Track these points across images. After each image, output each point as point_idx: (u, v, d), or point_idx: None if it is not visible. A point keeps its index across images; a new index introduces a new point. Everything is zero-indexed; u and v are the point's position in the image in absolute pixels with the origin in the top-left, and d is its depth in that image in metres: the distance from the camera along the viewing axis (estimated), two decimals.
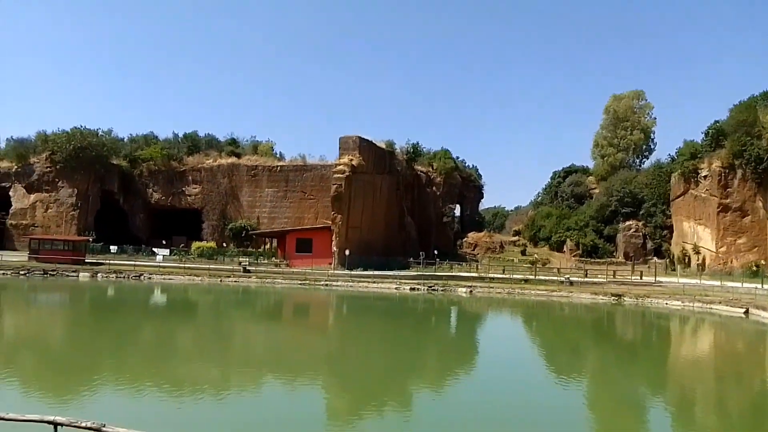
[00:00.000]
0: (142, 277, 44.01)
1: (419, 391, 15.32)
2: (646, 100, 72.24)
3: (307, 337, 25.47)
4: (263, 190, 60.10)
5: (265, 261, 52.02)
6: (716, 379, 19.51)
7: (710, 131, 55.15)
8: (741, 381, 18.92)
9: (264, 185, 60.12)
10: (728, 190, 50.40)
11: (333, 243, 48.94)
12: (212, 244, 55.29)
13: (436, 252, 52.65)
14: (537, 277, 46.82)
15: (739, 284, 40.69)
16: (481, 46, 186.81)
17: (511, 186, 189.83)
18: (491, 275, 46.53)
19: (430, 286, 42.98)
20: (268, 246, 57.68)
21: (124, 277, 43.82)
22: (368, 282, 43.62)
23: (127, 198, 62.21)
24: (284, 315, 33.87)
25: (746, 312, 33.16)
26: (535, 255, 60.84)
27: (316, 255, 49.77)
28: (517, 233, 72.54)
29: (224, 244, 56.61)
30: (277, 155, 65.86)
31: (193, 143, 66.76)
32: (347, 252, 47.28)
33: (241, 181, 60.76)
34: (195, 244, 54.83)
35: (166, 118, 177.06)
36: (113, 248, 53.44)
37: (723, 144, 51.81)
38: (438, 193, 65.03)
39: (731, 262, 49.93)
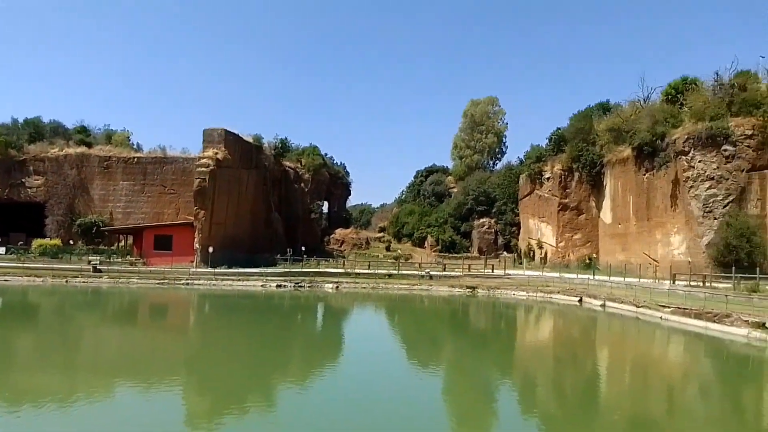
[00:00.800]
0: None
1: (284, 389, 15.40)
2: (500, 106, 78.16)
3: (163, 340, 24.30)
4: (117, 183, 56.06)
5: (119, 259, 48.62)
6: (555, 361, 21.88)
7: (553, 137, 60.95)
8: (575, 361, 21.40)
9: (119, 178, 56.08)
10: (567, 190, 56.17)
11: (195, 240, 46.97)
12: (57, 241, 50.46)
13: (303, 248, 52.64)
14: (400, 271, 48.75)
15: (574, 275, 45.58)
16: (349, 45, 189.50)
17: (377, 184, 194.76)
18: (357, 271, 47.67)
19: (297, 283, 42.96)
20: (122, 244, 53.87)
21: None
22: (233, 280, 42.56)
23: None
24: (139, 316, 31.89)
25: (580, 300, 37.37)
26: (399, 251, 63.27)
27: (177, 253, 47.49)
28: (382, 230, 74.97)
29: (71, 242, 51.91)
30: (135, 146, 61.72)
31: (36, 130, 60.33)
32: (210, 249, 45.67)
33: (92, 173, 56.13)
34: (36, 242, 49.70)
35: (2, 101, 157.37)
36: None
37: (564, 149, 57.51)
38: (306, 190, 65.05)
39: (569, 256, 55.75)
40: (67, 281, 40.21)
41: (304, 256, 50.84)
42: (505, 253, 63.62)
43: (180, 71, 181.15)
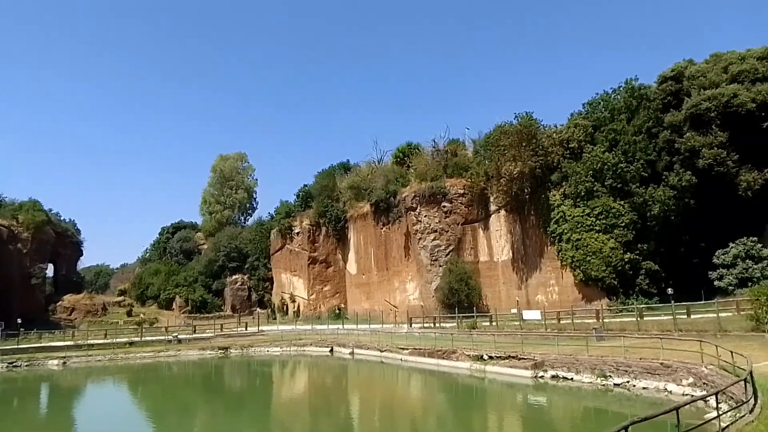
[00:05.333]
0: None
1: None
2: (249, 162, 79.06)
3: None
4: None
5: None
6: (310, 411, 22.40)
7: (300, 193, 63.74)
8: (329, 409, 22.10)
9: None
10: (316, 244, 58.82)
11: None
12: None
13: (19, 320, 44.85)
14: (143, 338, 44.82)
15: (325, 326, 47.43)
16: (84, 85, 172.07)
17: (116, 243, 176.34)
18: (91, 342, 42.45)
19: (11, 362, 36.40)
20: None
21: None
22: None
23: None
24: None
25: (331, 350, 38.95)
26: (142, 315, 58.23)
27: None
28: (122, 293, 68.12)
29: None
30: None
31: None
32: None
33: None
34: None
35: None
36: None
37: (311, 205, 60.45)
38: (24, 251, 56.06)
39: (320, 307, 57.93)
40: None
41: (21, 329, 43.30)
42: (258, 309, 63.19)
43: None
